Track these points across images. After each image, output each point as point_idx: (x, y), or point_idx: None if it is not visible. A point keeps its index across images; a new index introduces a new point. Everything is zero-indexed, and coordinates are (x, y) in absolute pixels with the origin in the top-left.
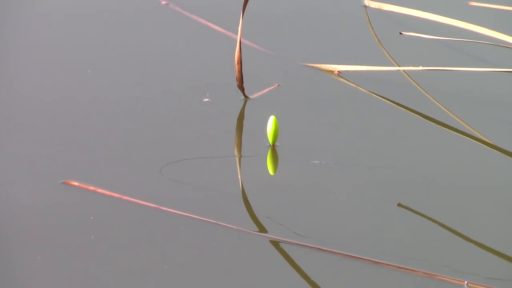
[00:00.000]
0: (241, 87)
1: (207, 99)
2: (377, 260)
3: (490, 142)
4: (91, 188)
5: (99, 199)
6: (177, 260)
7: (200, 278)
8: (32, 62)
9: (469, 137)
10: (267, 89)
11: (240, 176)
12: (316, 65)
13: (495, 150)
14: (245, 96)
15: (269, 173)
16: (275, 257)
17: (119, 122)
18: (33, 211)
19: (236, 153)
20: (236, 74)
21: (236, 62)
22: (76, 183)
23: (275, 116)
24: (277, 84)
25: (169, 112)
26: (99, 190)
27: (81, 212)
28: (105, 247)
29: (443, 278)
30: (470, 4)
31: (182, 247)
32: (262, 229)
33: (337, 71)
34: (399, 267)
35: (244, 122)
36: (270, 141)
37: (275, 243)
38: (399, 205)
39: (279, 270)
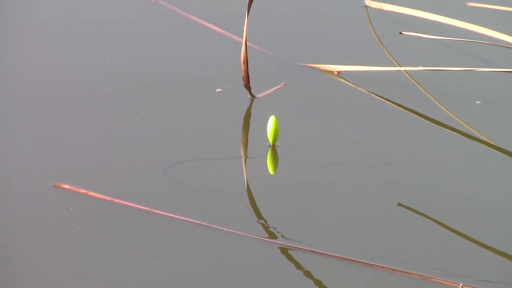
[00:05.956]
0: (247, 86)
1: (220, 89)
2: (371, 263)
3: (490, 142)
4: (82, 191)
5: (91, 202)
6: (174, 262)
7: (200, 279)
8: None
9: (468, 137)
10: (273, 89)
11: (246, 177)
12: (316, 65)
13: (495, 150)
14: (252, 95)
15: (269, 174)
16: (274, 259)
17: (117, 122)
18: (24, 214)
19: (242, 153)
20: (242, 73)
21: (242, 62)
22: (67, 186)
23: (275, 116)
24: (283, 84)
25: (174, 110)
26: (90, 193)
27: (72, 216)
28: (99, 251)
29: (438, 281)
30: (467, 4)
31: (179, 249)
32: (258, 232)
33: (337, 71)
34: (394, 270)
35: (250, 121)
36: (270, 141)
37: (271, 246)
38: (399, 204)
39: (278, 272)
